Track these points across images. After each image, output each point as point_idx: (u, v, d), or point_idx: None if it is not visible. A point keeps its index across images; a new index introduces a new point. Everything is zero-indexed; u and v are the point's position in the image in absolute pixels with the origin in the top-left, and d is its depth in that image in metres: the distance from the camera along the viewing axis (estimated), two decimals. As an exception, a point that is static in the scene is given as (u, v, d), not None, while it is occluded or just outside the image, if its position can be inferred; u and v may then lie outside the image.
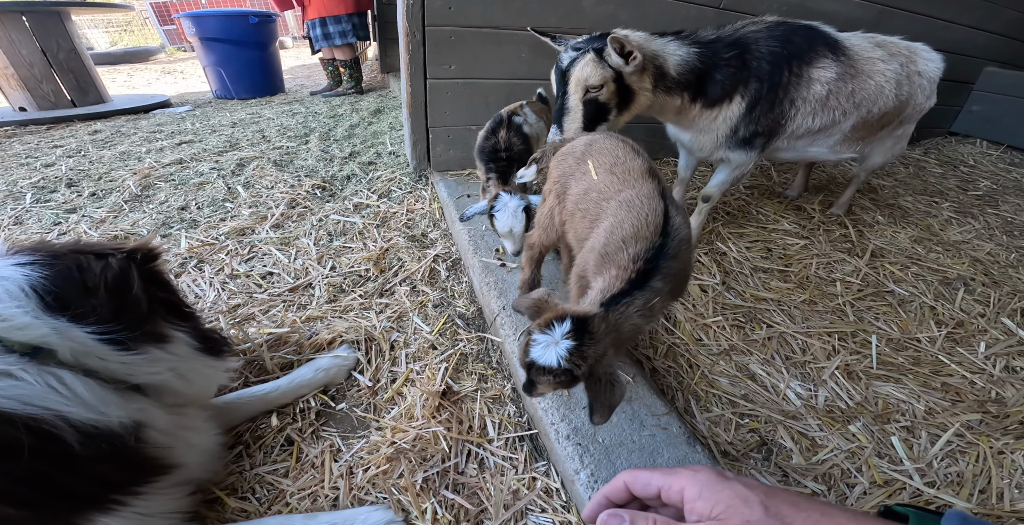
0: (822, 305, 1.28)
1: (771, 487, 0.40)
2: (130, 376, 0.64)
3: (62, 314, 0.58)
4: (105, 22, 11.35)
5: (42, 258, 0.60)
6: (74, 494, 0.55)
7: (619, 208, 0.75)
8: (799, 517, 0.36)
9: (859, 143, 1.48)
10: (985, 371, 1.09)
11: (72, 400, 0.56)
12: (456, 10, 1.59)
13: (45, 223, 1.59)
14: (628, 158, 0.84)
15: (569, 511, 0.75)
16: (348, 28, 3.34)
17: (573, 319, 0.59)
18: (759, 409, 0.95)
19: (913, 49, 1.41)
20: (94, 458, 0.56)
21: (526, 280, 1.10)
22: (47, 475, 0.53)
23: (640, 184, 0.78)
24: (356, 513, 0.72)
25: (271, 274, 1.34)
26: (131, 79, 5.94)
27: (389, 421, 0.90)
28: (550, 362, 0.58)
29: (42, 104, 3.14)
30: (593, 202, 0.82)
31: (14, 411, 0.51)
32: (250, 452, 0.84)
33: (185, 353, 0.71)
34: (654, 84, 1.14)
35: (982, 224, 1.84)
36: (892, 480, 0.83)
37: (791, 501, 0.38)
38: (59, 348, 0.57)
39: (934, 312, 1.28)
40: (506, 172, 1.32)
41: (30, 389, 0.53)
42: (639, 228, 0.71)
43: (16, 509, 0.50)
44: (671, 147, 1.64)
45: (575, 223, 0.87)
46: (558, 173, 0.95)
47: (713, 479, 0.41)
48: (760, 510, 0.37)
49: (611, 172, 0.83)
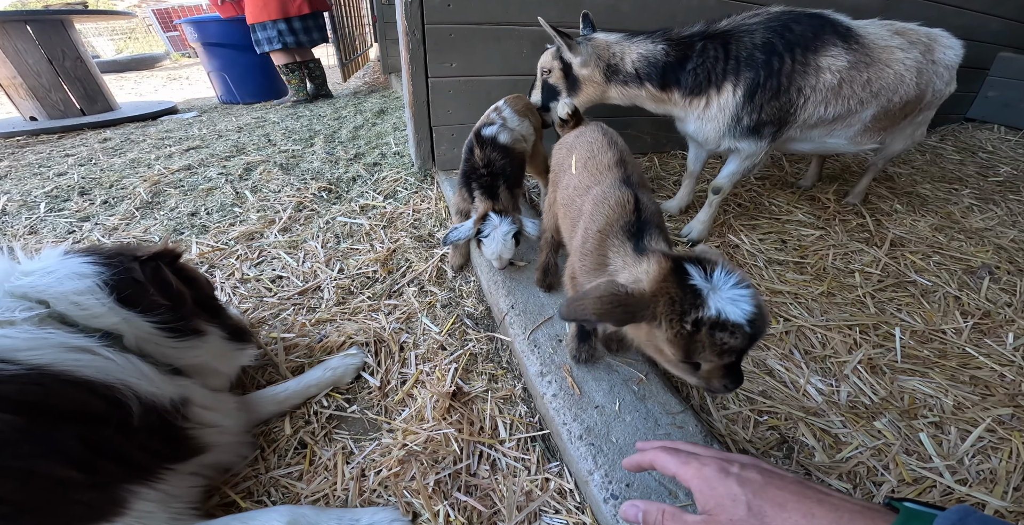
0: (841, 297, 1.24)
1: (770, 482, 0.41)
2: (177, 359, 0.75)
3: (129, 306, 0.69)
4: (109, 30, 11.54)
5: (100, 259, 0.71)
6: (128, 462, 0.61)
7: (591, 204, 0.76)
8: (779, 517, 0.39)
9: (881, 133, 1.44)
10: (1015, 363, 1.05)
11: (138, 375, 0.65)
12: (455, 7, 1.58)
13: (59, 232, 1.61)
14: (600, 152, 0.85)
15: (583, 512, 0.74)
16: (274, 34, 3.33)
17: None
18: (778, 406, 0.92)
19: (933, 36, 1.37)
20: (147, 430, 0.64)
21: (542, 263, 1.12)
22: (111, 441, 0.60)
23: (605, 177, 0.79)
24: (363, 511, 0.72)
25: (280, 278, 1.35)
26: (138, 86, 6.02)
27: (400, 423, 0.89)
28: (738, 317, 0.49)
29: (52, 113, 3.19)
30: (571, 198, 0.84)
31: (94, 378, 0.60)
32: (264, 456, 0.84)
33: (218, 340, 0.84)
34: (606, 77, 1.30)
35: (1004, 210, 1.78)
36: (921, 478, 0.80)
37: (778, 500, 0.40)
38: (126, 334, 0.68)
39: (959, 302, 1.24)
40: (492, 187, 1.16)
41: (107, 363, 0.63)
42: (611, 220, 0.70)
43: (79, 472, 0.55)
44: (679, 140, 1.61)
45: (562, 217, 0.89)
46: (554, 162, 0.98)
47: (713, 475, 0.44)
48: (743, 509, 0.40)
49: (585, 167, 0.84)
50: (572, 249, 0.82)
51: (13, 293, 0.63)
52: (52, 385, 0.56)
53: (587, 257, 0.71)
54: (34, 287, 0.64)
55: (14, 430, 0.52)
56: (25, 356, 0.56)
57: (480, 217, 1.12)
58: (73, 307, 0.64)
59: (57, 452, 0.54)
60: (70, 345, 0.60)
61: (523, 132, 1.32)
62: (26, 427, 0.53)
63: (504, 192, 1.17)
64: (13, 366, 0.55)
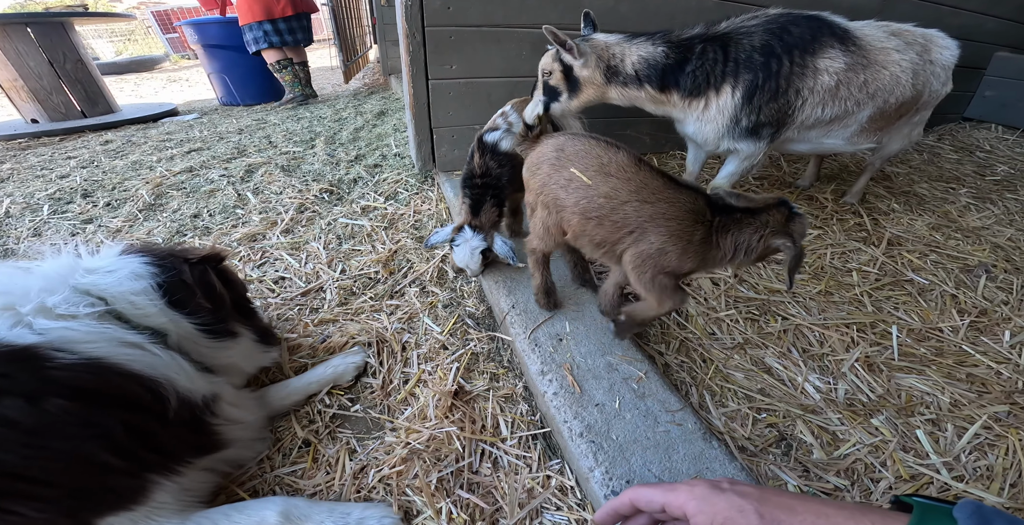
0: (838, 296, 1.25)
1: (765, 492, 0.40)
2: (212, 358, 0.79)
3: (177, 308, 0.74)
4: (108, 32, 11.56)
5: (154, 260, 0.76)
6: (161, 452, 0.64)
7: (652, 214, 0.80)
8: (795, 521, 0.37)
9: (877, 134, 1.45)
10: (1011, 361, 1.06)
11: (179, 371, 0.69)
12: (455, 10, 1.59)
13: (63, 234, 1.62)
14: (610, 154, 0.83)
15: (584, 509, 0.75)
16: (260, 35, 3.53)
17: None
18: (777, 403, 0.93)
19: (929, 37, 1.38)
20: (180, 422, 0.67)
21: (540, 285, 1.07)
22: (149, 431, 0.63)
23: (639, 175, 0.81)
24: (354, 506, 0.73)
25: (283, 279, 1.36)
26: (138, 88, 6.04)
27: (403, 422, 0.90)
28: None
29: (53, 116, 3.21)
30: (609, 208, 0.82)
31: (142, 372, 0.64)
32: (270, 455, 0.85)
33: (248, 342, 0.88)
34: (606, 79, 1.30)
35: (1001, 209, 1.79)
36: (919, 474, 0.81)
37: (786, 505, 0.39)
38: (171, 333, 0.73)
39: (956, 301, 1.25)
40: (479, 200, 1.18)
41: (154, 359, 0.67)
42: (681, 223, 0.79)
43: (118, 458, 0.59)
44: (678, 141, 1.62)
45: (592, 230, 0.86)
46: (538, 183, 0.91)
47: (708, 493, 0.42)
48: (755, 518, 0.38)
49: (605, 173, 0.82)
50: (635, 260, 0.82)
51: (77, 289, 0.68)
52: (105, 375, 0.61)
53: (677, 242, 0.79)
54: (96, 285, 0.69)
55: (66, 414, 0.56)
56: (83, 348, 0.60)
57: (457, 227, 1.18)
58: (129, 306, 0.69)
59: (102, 437, 0.58)
60: (124, 340, 0.65)
61: None
62: (77, 412, 0.56)
63: (489, 208, 1.18)
64: (72, 356, 0.59)
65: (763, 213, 0.78)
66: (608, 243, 0.86)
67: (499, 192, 1.21)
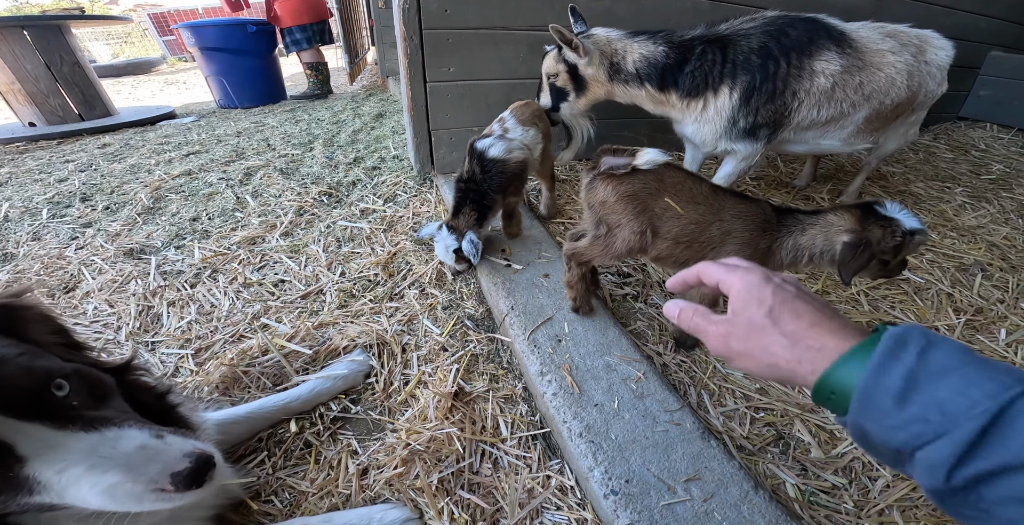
0: (835, 295, 1.26)
1: (798, 297, 0.44)
2: None
3: None
4: (105, 34, 11.54)
5: None
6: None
7: (728, 230, 0.92)
8: (791, 324, 0.42)
9: (873, 134, 1.46)
10: (1007, 358, 1.07)
11: None
12: (453, 12, 1.59)
13: (63, 238, 1.63)
14: (697, 185, 0.93)
15: (584, 508, 0.76)
16: (310, 35, 3.97)
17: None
18: (774, 403, 0.94)
19: (924, 37, 1.39)
20: None
21: (582, 295, 1.06)
22: None
23: (717, 199, 0.92)
24: (372, 511, 0.73)
25: (283, 282, 1.36)
26: (135, 91, 6.03)
27: (403, 423, 0.91)
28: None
29: (51, 119, 3.20)
30: (698, 232, 0.92)
31: None
32: (272, 457, 0.86)
33: None
34: (609, 76, 1.32)
35: (997, 208, 1.80)
36: (913, 471, 0.82)
37: (798, 311, 0.43)
38: None
39: (952, 299, 1.26)
40: (460, 204, 1.26)
41: None
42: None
43: None
44: (676, 142, 1.63)
45: (680, 253, 0.95)
46: (638, 208, 0.93)
47: (756, 280, 0.46)
48: (764, 312, 0.43)
49: (695, 202, 0.92)
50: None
51: None
52: None
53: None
54: None
55: None
56: None
57: (439, 226, 1.28)
58: None
59: None
60: None
61: (526, 141, 1.32)
62: None
63: (468, 211, 1.26)
64: None
65: (830, 214, 0.86)
66: (692, 261, 0.88)
67: (481, 196, 1.26)
